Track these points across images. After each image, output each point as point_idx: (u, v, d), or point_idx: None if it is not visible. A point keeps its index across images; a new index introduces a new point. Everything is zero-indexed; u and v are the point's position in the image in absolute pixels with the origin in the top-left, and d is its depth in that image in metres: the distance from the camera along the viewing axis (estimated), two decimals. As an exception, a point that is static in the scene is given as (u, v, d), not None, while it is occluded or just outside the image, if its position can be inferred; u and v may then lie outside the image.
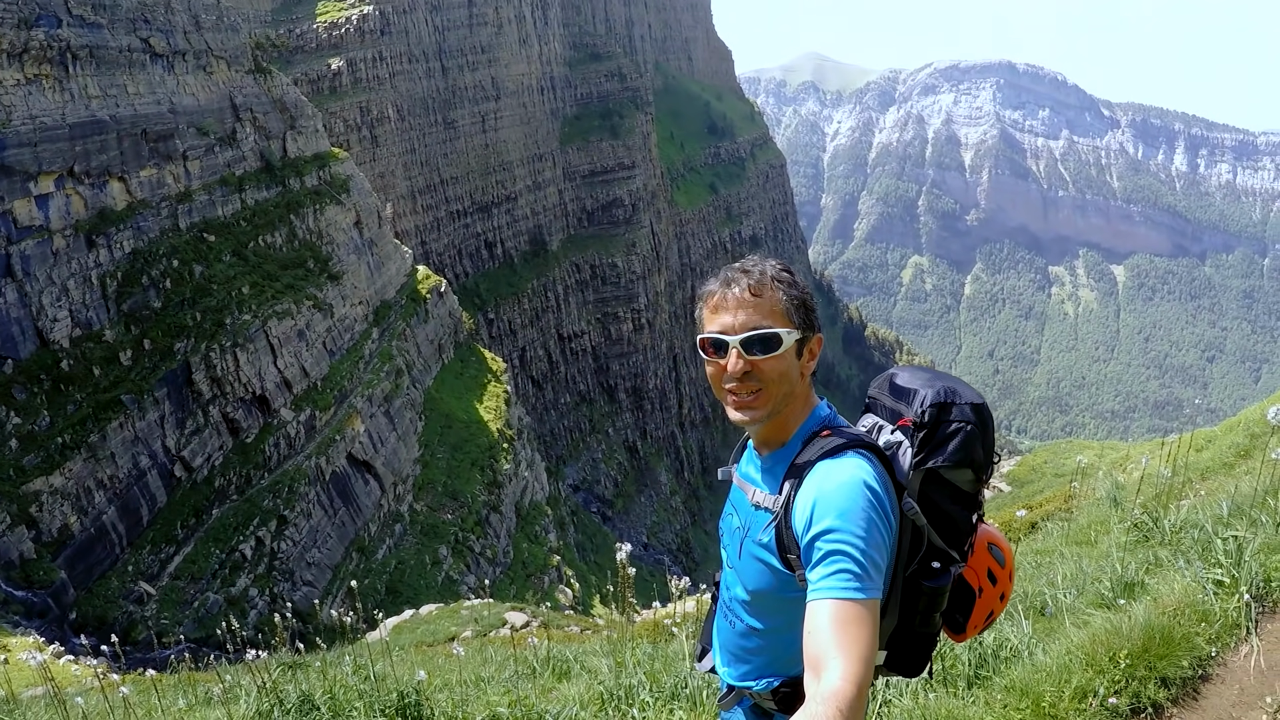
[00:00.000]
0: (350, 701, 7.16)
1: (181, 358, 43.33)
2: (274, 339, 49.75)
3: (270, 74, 60.88)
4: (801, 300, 2.80)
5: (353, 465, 53.07)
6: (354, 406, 55.13)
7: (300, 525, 45.32)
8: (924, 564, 2.79)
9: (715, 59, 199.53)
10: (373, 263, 66.34)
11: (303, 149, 61.74)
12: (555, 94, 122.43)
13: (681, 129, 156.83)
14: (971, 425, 2.78)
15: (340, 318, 57.97)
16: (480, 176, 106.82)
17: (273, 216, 55.98)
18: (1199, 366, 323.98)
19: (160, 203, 46.65)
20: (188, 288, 45.97)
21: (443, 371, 72.03)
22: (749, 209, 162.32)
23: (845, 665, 2.22)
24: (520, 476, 68.36)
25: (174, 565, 37.94)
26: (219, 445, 44.33)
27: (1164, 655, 5.24)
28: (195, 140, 50.60)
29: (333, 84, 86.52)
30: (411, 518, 56.42)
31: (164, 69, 48.75)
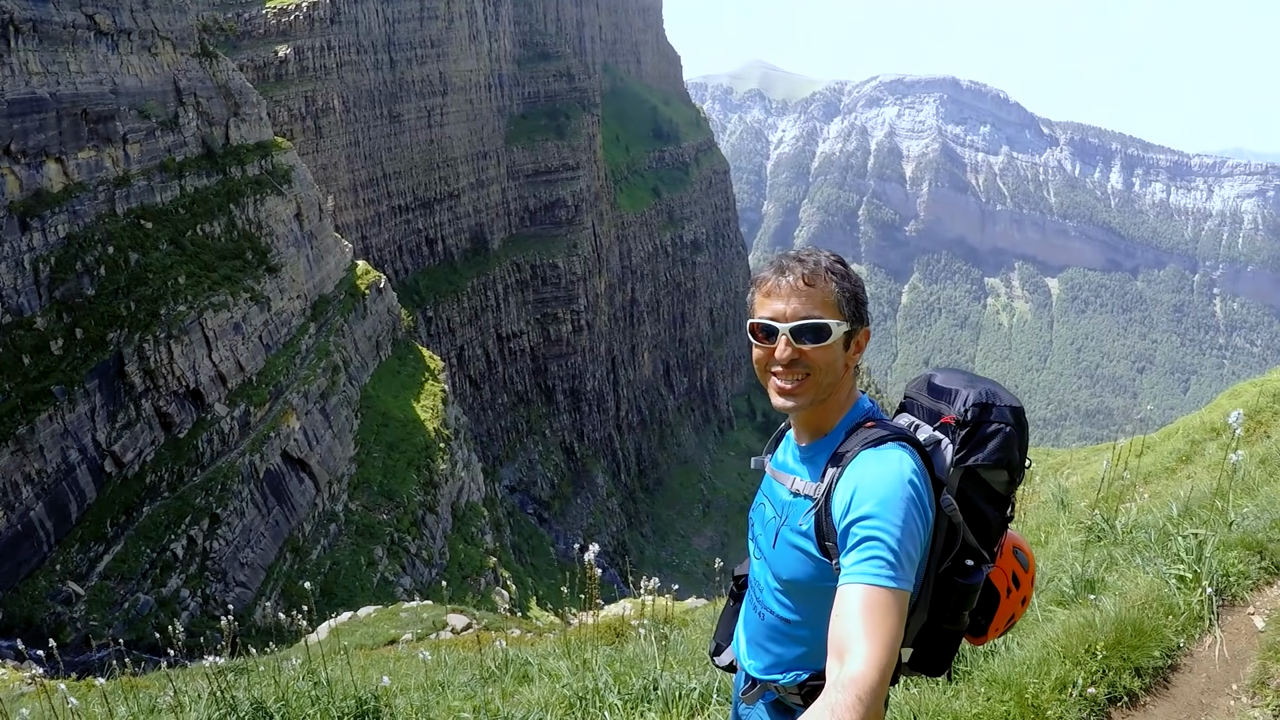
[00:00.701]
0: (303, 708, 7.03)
1: (114, 348, 41.91)
2: (210, 331, 48.43)
3: (216, 58, 59.33)
4: (854, 293, 2.82)
5: (287, 463, 51.93)
6: (289, 403, 53.98)
7: (233, 524, 44.14)
8: (958, 561, 2.81)
9: (664, 63, 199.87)
10: (312, 256, 65.07)
11: (245, 137, 60.29)
12: (503, 92, 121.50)
13: (627, 132, 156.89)
14: (1010, 427, 2.83)
15: (277, 311, 56.71)
16: (424, 172, 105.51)
17: (212, 205, 54.55)
18: (1129, 377, 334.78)
19: (98, 186, 45.09)
20: (123, 276, 44.51)
21: (380, 369, 70.99)
22: (691, 214, 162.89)
23: (870, 652, 2.22)
24: (457, 477, 67.68)
25: (103, 564, 36.58)
26: (151, 440, 42.95)
27: (1136, 646, 5.46)
28: (136, 123, 49.04)
29: (279, 72, 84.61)
30: (347, 517, 55.42)
31: (108, 48, 47.11)
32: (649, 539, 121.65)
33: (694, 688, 6.50)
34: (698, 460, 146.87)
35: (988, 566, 2.87)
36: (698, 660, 7.33)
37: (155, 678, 13.83)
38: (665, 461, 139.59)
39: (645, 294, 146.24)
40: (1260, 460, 9.32)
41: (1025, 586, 3.10)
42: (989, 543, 2.88)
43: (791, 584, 2.85)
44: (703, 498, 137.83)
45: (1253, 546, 6.49)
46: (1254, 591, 6.20)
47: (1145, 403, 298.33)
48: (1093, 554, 7.40)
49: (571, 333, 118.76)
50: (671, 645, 7.54)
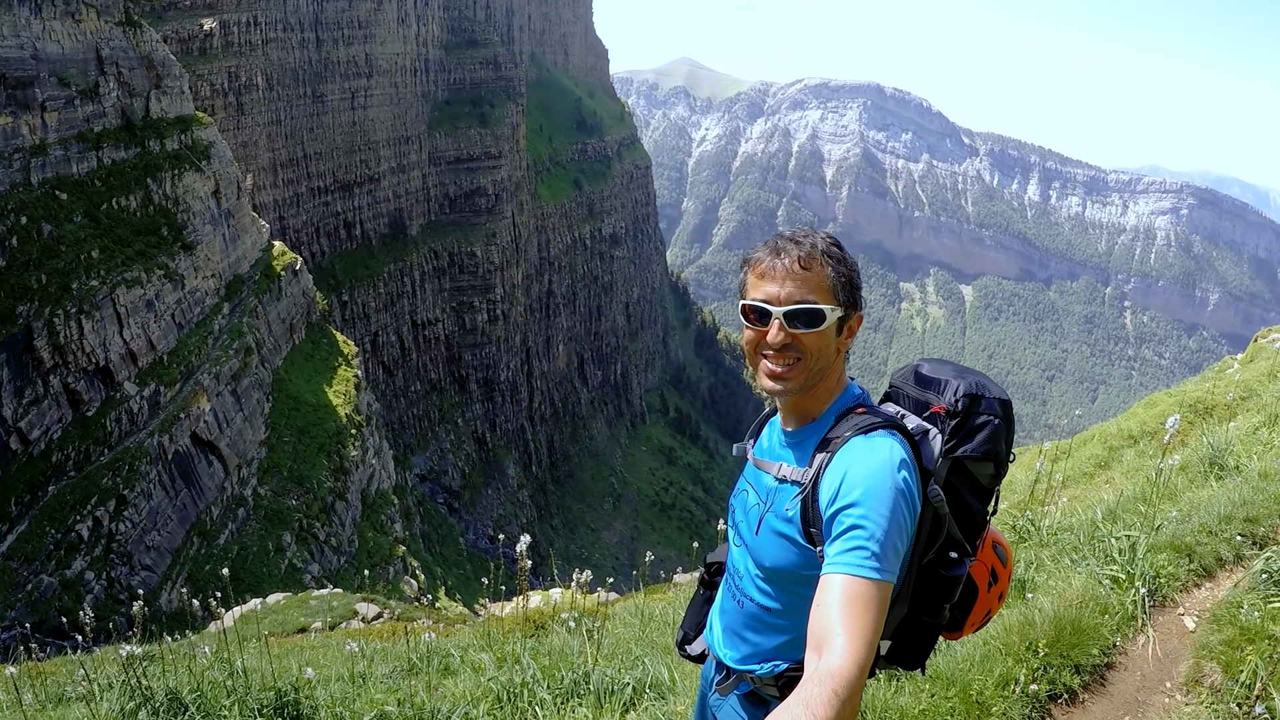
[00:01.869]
0: (219, 699, 6.79)
1: (24, 322, 40.76)
2: (121, 308, 47.27)
3: (141, 28, 57.77)
4: (849, 278, 2.80)
5: (196, 445, 50.99)
6: (200, 384, 52.95)
7: (140, 506, 43.26)
8: (941, 553, 2.78)
9: (591, 56, 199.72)
10: (228, 235, 63.78)
11: (166, 110, 58.90)
12: (428, 76, 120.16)
13: (551, 123, 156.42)
14: (998, 419, 2.80)
15: (191, 290, 55.55)
16: (345, 154, 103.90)
17: (129, 178, 53.15)
18: (1039, 385, 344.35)
19: (13, 154, 43.75)
20: (35, 247, 43.30)
21: (293, 352, 69.85)
22: (611, 207, 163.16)
23: (848, 646, 2.20)
24: (368, 464, 67.13)
25: (6, 544, 35.59)
26: (58, 418, 41.91)
27: (1076, 644, 5.59)
28: (56, 90, 47.62)
29: (203, 45, 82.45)
30: (255, 502, 54.59)
31: (31, 11, 45.64)
32: (559, 531, 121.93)
33: (627, 682, 6.37)
34: (609, 454, 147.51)
35: (970, 560, 2.84)
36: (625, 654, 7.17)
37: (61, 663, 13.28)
38: (577, 454, 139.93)
39: (562, 286, 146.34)
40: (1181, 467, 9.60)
41: (1003, 582, 3.08)
42: (972, 536, 2.86)
43: (774, 572, 2.81)
44: (613, 491, 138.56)
45: (1182, 549, 6.71)
46: (1183, 593, 6.44)
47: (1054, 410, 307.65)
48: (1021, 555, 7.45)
49: (487, 322, 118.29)
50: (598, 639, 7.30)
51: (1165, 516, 7.34)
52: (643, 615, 9.34)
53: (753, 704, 3.04)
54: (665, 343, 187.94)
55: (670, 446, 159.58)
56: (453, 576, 76.22)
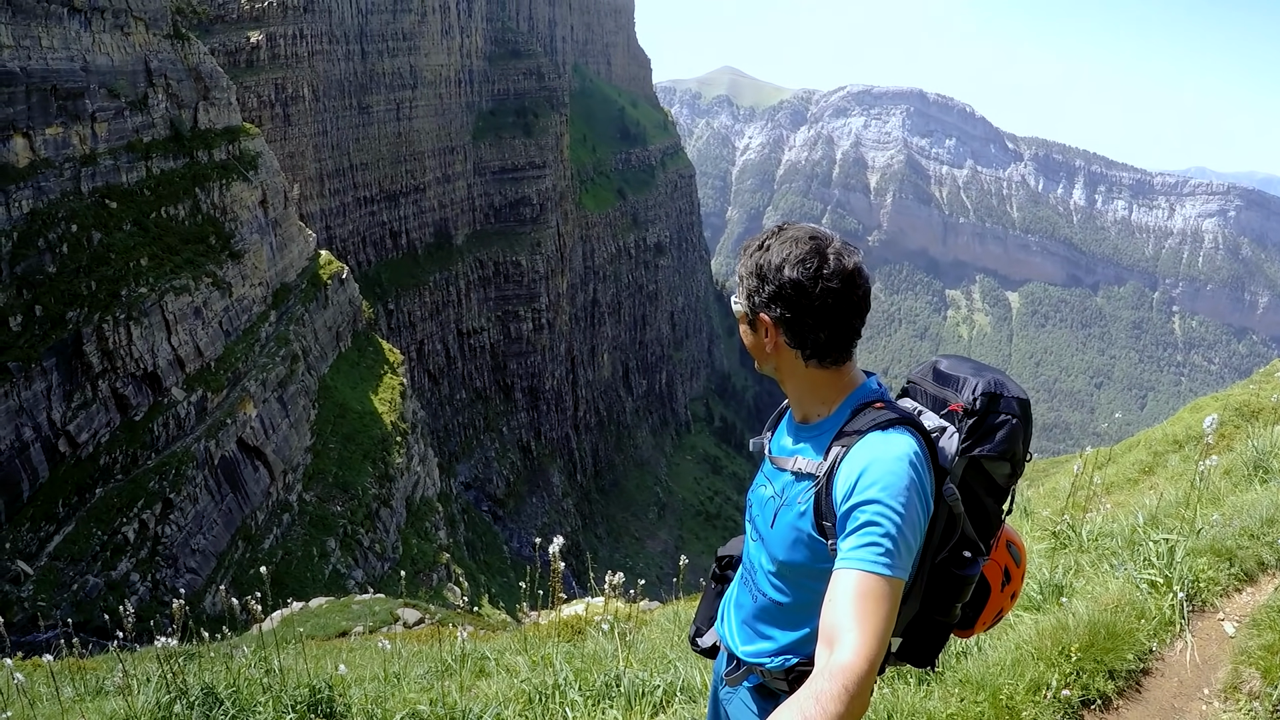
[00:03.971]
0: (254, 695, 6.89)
1: (73, 327, 41.54)
2: (170, 315, 48.01)
3: (188, 41, 58.89)
4: (752, 271, 2.79)
5: (243, 451, 51.52)
6: (247, 390, 53.56)
7: (186, 510, 43.78)
8: (955, 552, 2.77)
9: (634, 66, 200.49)
10: (275, 244, 64.64)
11: (214, 121, 59.89)
12: (472, 87, 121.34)
13: (595, 132, 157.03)
14: (1016, 419, 2.79)
15: (239, 298, 56.31)
16: (390, 165, 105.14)
17: (178, 188, 54.09)
18: (1087, 392, 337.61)
19: (64, 163, 44.70)
20: (85, 255, 44.13)
21: (339, 360, 70.48)
22: (656, 216, 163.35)
23: (859, 641, 2.19)
24: (412, 471, 67.45)
25: (53, 545, 36.25)
26: (106, 422, 42.59)
27: (1110, 649, 5.46)
28: (105, 102, 48.64)
29: (250, 58, 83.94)
30: (300, 508, 55.05)
31: (81, 25, 46.70)
32: (603, 540, 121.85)
33: (658, 685, 6.37)
34: (654, 463, 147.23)
35: (984, 559, 2.84)
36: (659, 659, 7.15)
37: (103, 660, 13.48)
38: (622, 463, 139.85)
39: (607, 295, 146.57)
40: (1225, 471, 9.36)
41: (1016, 582, 3.05)
42: (987, 535, 2.86)
43: (787, 565, 2.79)
44: (658, 500, 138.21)
45: (1223, 553, 6.50)
46: (1224, 598, 6.22)
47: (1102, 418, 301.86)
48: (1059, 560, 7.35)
49: (532, 331, 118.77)
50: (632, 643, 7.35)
51: (1207, 520, 7.14)
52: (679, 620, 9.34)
53: (762, 697, 3.03)
54: (710, 351, 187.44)
55: (715, 456, 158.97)
56: (496, 584, 76.25)
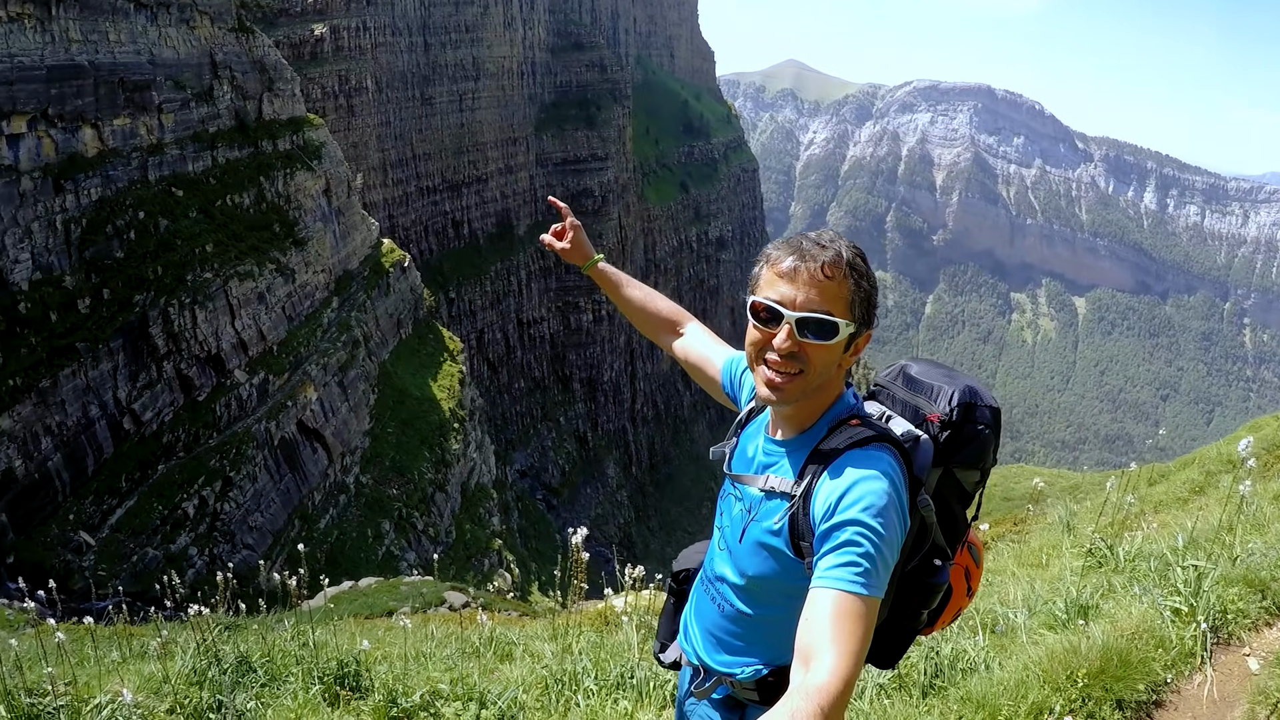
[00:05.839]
0: (288, 666, 7.09)
1: (139, 310, 43.00)
2: (234, 299, 49.44)
3: (253, 34, 60.37)
4: (868, 294, 2.64)
5: (302, 433, 52.86)
6: (308, 374, 54.86)
7: (245, 488, 45.11)
8: (926, 561, 2.77)
9: (697, 58, 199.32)
10: (339, 232, 65.95)
11: (278, 112, 61.31)
12: (535, 79, 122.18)
13: (657, 125, 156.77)
14: (989, 428, 2.78)
15: (302, 284, 57.65)
16: (453, 155, 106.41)
17: (242, 177, 55.54)
18: (1152, 404, 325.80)
19: (131, 153, 46.24)
20: (152, 241, 45.61)
21: (400, 346, 71.60)
22: (718, 210, 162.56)
23: (836, 661, 2.16)
24: (469, 458, 68.38)
25: (115, 518, 37.71)
26: (170, 401, 44.07)
27: (1121, 678, 5.19)
28: (172, 93, 50.17)
29: (314, 50, 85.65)
30: (357, 490, 56.28)
31: (147, 19, 48.23)
32: (655, 533, 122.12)
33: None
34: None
35: (951, 565, 2.86)
36: None
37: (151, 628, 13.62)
38: (677, 457, 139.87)
39: (668, 289, 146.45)
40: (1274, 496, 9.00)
41: (975, 581, 3.06)
42: (955, 541, 2.87)
43: (757, 580, 2.76)
44: (712, 496, 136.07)
45: (1255, 584, 6.14)
46: (1252, 632, 5.86)
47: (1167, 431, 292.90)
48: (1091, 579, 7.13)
49: (592, 323, 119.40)
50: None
51: (1247, 548, 6.78)
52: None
53: (729, 709, 3.02)
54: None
55: None
56: (547, 572, 76.84)
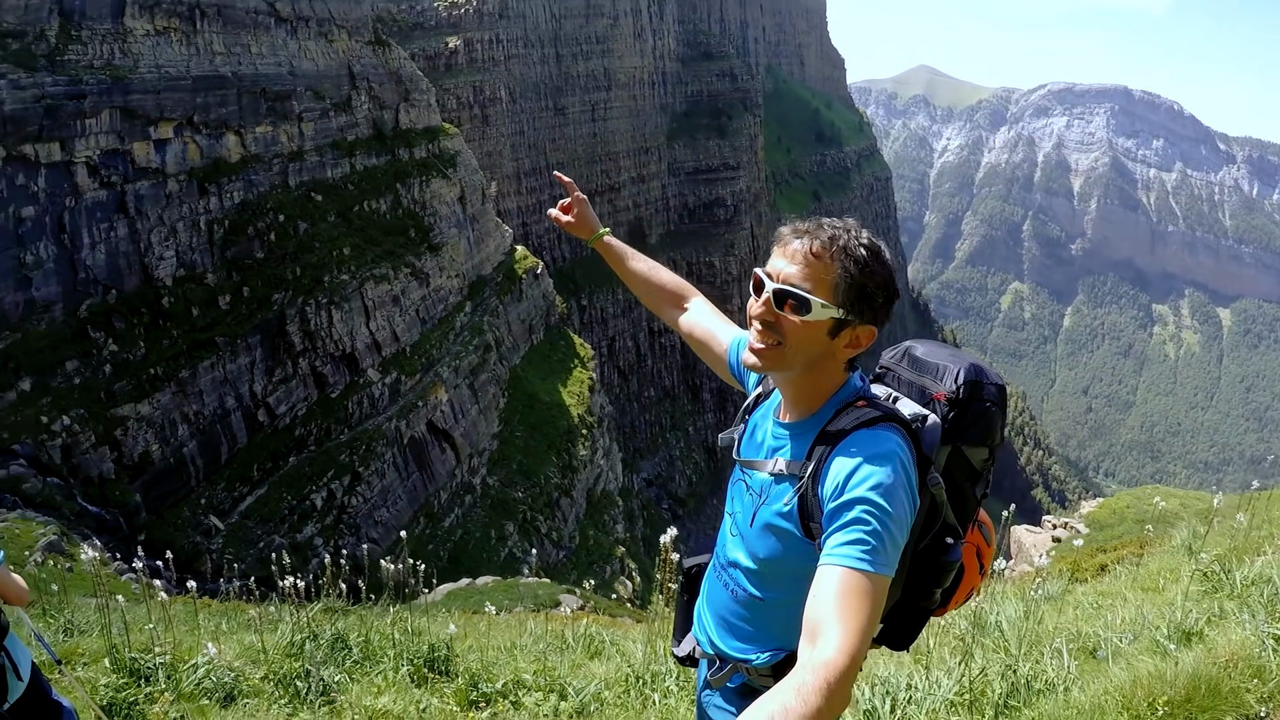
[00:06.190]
0: (383, 648, 7.25)
1: (278, 309, 44.98)
2: (369, 301, 51.17)
3: (389, 47, 62.56)
4: (861, 283, 2.58)
5: (431, 433, 54.11)
6: (440, 376, 56.17)
7: (373, 483, 46.47)
8: (937, 539, 2.77)
9: (827, 66, 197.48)
10: (473, 238, 67.46)
11: (414, 121, 63.23)
12: (666, 89, 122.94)
13: (789, 134, 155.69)
14: (995, 405, 2.78)
15: (436, 288, 59.18)
16: (586, 164, 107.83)
17: (380, 183, 57.49)
18: None
19: (272, 159, 48.49)
20: (291, 243, 47.62)
21: (531, 351, 72.59)
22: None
23: (842, 636, 2.16)
24: (595, 464, 68.67)
25: (245, 505, 39.55)
26: (304, 396, 45.83)
27: (1207, 708, 4.82)
28: (311, 103, 52.41)
29: (449, 62, 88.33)
30: (483, 491, 57.19)
31: (287, 33, 50.63)
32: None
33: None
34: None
35: (962, 543, 2.84)
36: None
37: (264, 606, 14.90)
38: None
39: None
40: None
41: (986, 561, 3.05)
42: (965, 520, 2.85)
43: (768, 563, 2.77)
44: None
45: None
46: None
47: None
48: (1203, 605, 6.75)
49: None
50: None
51: None
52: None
53: (743, 696, 3.01)
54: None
55: None
56: (672, 578, 76.44)
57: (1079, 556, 14.54)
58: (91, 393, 34.89)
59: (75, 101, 37.86)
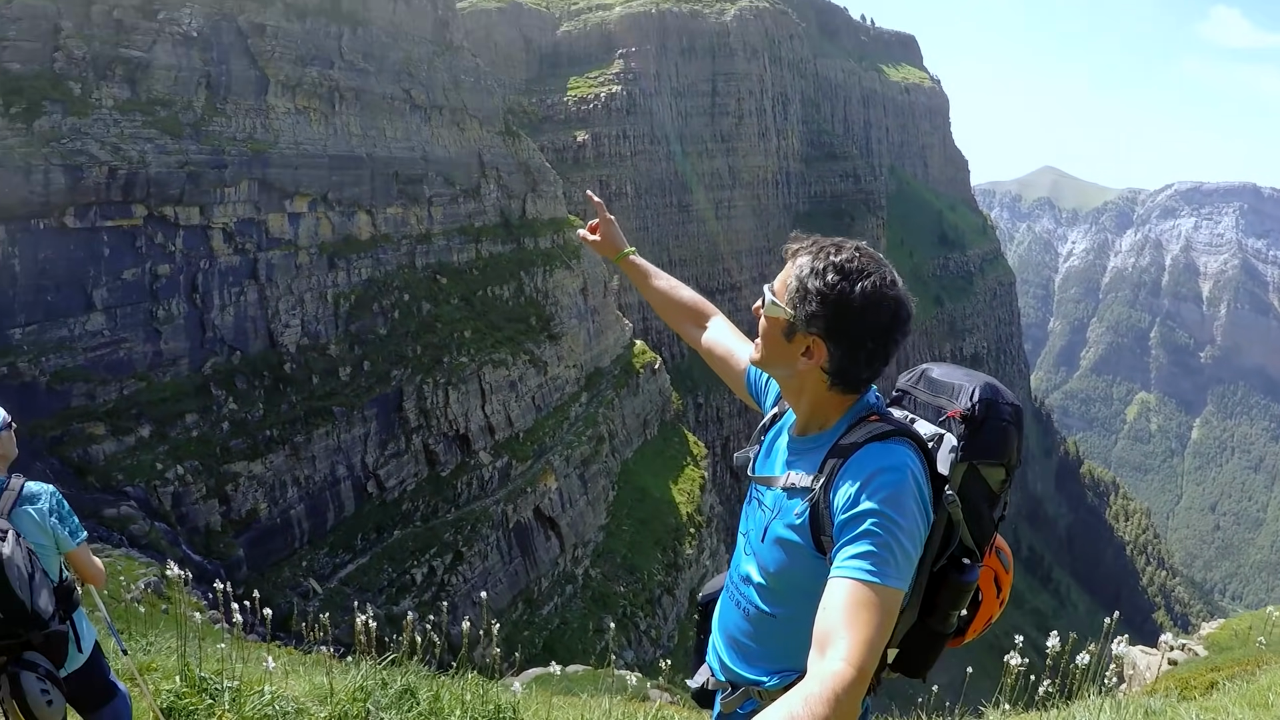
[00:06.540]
0: (451, 706, 7.18)
1: (396, 384, 45.81)
2: (486, 384, 51.77)
3: (519, 138, 64.50)
4: (804, 285, 2.58)
5: (537, 519, 53.90)
6: (551, 463, 56.15)
7: (474, 564, 46.34)
8: (954, 560, 2.71)
9: (951, 167, 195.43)
10: (592, 329, 68.00)
11: (541, 212, 64.63)
12: (789, 189, 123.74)
13: (912, 236, 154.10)
14: (1012, 424, 2.72)
15: (553, 376, 59.60)
16: (708, 262, 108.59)
17: (504, 270, 58.66)
18: None
19: (401, 240, 50.04)
20: (414, 322, 48.71)
21: (644, 446, 72.09)
22: (973, 326, 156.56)
23: (850, 648, 2.15)
24: (701, 564, 67.14)
25: (345, 572, 39.85)
26: (414, 472, 46.28)
27: None
28: (442, 188, 54.16)
29: (576, 155, 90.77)
30: (584, 582, 56.40)
31: (421, 119, 52.71)
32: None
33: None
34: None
35: (980, 566, 2.77)
36: None
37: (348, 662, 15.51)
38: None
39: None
40: None
41: (1005, 588, 2.98)
42: (982, 542, 2.78)
43: (778, 577, 2.73)
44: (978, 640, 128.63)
45: None
46: None
47: None
48: None
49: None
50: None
51: None
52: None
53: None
54: (1023, 473, 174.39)
55: (1018, 588, 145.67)
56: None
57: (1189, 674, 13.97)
58: (207, 446, 35.89)
59: (217, 170, 40.04)
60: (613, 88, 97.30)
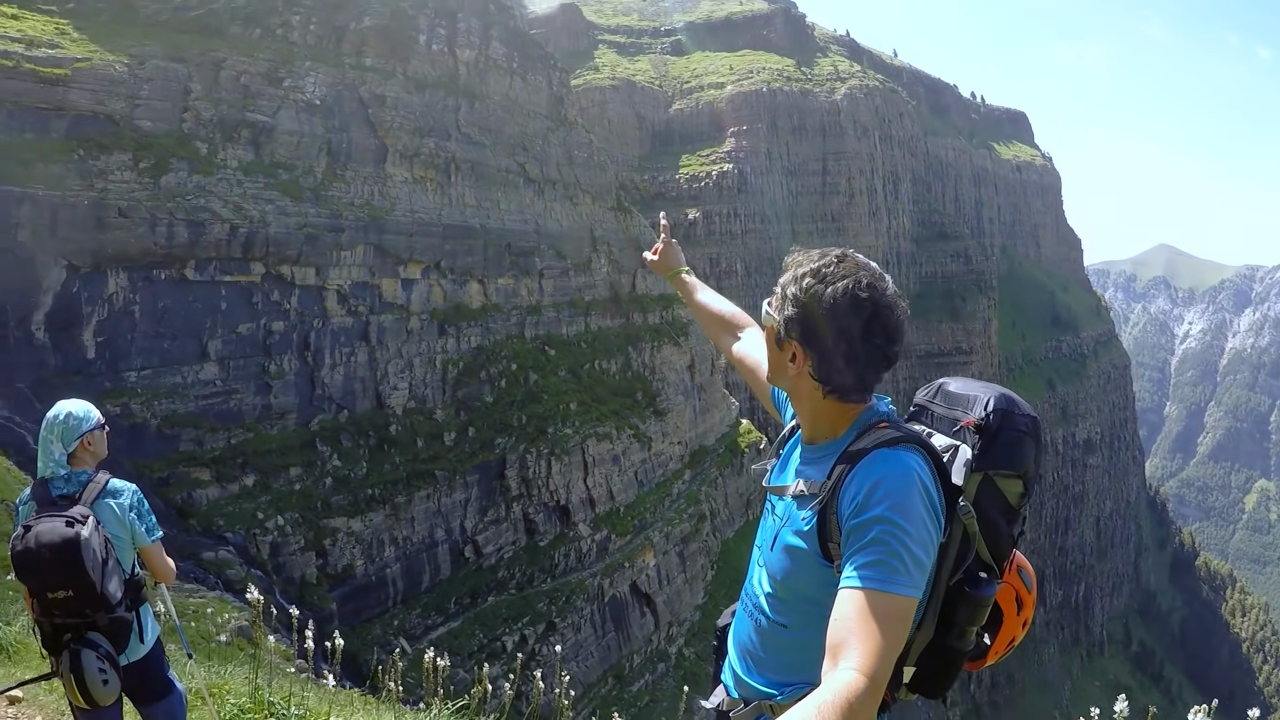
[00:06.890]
0: None
1: (499, 452, 46.16)
2: (589, 457, 51.86)
3: (630, 214, 65.32)
4: (784, 291, 2.64)
5: (634, 594, 53.42)
6: (650, 539, 55.80)
7: (567, 636, 46.00)
8: (970, 574, 2.66)
9: (1063, 247, 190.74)
10: (698, 407, 67.75)
11: (650, 288, 65.15)
12: (900, 268, 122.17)
13: (1023, 317, 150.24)
14: (1028, 434, 2.69)
15: (656, 452, 59.41)
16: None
17: (611, 344, 59.13)
18: None
19: (511, 310, 50.89)
20: (520, 391, 49.21)
21: (746, 527, 71.26)
22: (1086, 410, 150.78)
23: (862, 657, 2.13)
24: (796, 646, 65.32)
25: (436, 634, 39.71)
26: (512, 540, 46.36)
27: None
28: (553, 261, 55.07)
29: (688, 232, 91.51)
30: (678, 660, 55.46)
31: (534, 193, 53.87)
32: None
33: None
34: (1057, 685, 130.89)
35: (998, 582, 2.73)
36: None
37: None
38: (1022, 679, 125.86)
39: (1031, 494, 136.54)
40: None
41: (1027, 609, 2.92)
42: (999, 558, 2.74)
43: (786, 585, 2.71)
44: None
45: None
46: None
47: None
48: None
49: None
50: None
51: None
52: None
53: None
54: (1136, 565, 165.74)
55: (1127, 685, 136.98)
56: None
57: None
58: (309, 500, 36.61)
59: (334, 234, 41.44)
60: (724, 166, 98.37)
